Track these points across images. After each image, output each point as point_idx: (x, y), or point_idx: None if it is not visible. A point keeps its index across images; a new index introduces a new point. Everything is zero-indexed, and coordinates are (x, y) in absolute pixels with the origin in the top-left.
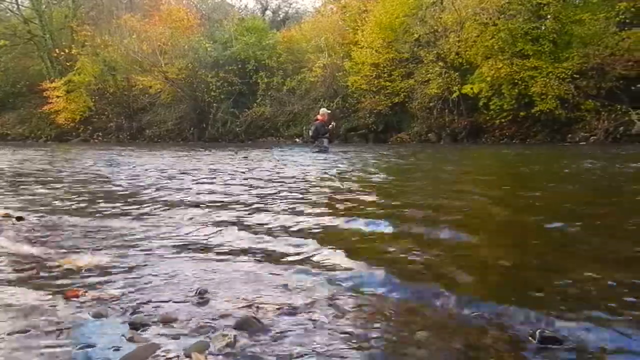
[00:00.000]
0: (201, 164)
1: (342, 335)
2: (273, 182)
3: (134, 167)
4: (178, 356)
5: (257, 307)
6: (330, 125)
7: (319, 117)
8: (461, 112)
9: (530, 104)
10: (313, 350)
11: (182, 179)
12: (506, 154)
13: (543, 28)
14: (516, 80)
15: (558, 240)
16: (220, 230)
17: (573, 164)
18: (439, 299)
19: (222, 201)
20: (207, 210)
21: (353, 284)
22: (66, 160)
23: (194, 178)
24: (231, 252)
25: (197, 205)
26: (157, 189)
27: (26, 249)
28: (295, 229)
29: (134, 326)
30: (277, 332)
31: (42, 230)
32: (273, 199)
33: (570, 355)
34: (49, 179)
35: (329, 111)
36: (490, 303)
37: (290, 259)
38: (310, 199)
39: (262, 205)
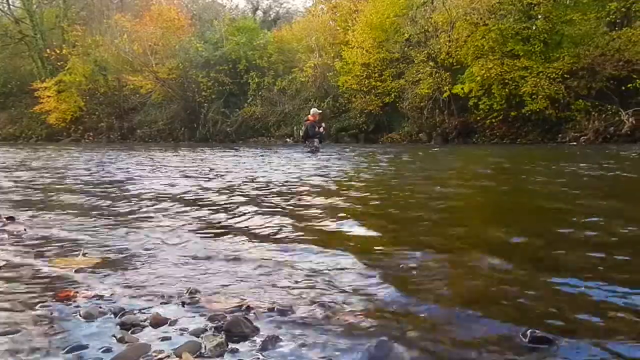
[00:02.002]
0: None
1: (333, 337)
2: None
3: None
4: (169, 356)
5: (249, 308)
6: (322, 128)
7: (310, 117)
8: (452, 112)
9: (521, 104)
10: (304, 352)
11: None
12: (487, 154)
13: (534, 28)
14: (507, 80)
15: (548, 241)
16: (215, 231)
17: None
18: (429, 300)
19: (216, 201)
20: (202, 211)
21: (344, 284)
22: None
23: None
24: (224, 253)
25: (192, 206)
26: (151, 189)
27: (17, 249)
28: (288, 232)
29: (125, 327)
30: (268, 334)
31: (33, 230)
32: (270, 201)
33: (561, 356)
34: (35, 179)
35: (320, 111)
36: (481, 303)
37: (281, 260)
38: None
39: (258, 207)
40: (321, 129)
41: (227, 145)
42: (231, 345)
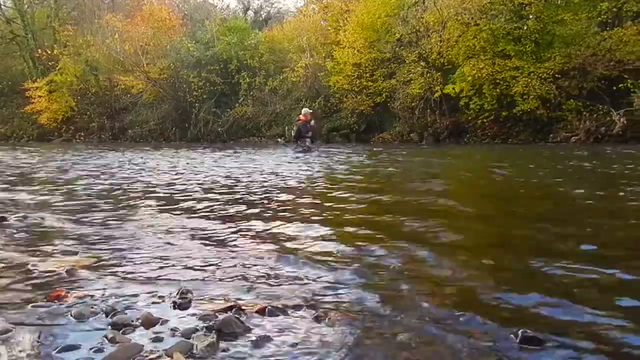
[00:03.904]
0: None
1: (325, 338)
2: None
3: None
4: (160, 356)
5: (240, 308)
6: (313, 122)
7: (301, 117)
8: (443, 112)
9: (512, 104)
10: (295, 352)
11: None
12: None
13: (525, 28)
14: (498, 80)
15: (538, 242)
16: (206, 230)
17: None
18: (420, 301)
19: (206, 201)
20: (193, 211)
21: (336, 285)
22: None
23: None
24: (215, 253)
25: (182, 206)
26: (141, 188)
27: (9, 249)
28: (279, 231)
29: (116, 327)
30: (260, 334)
31: (25, 230)
32: (261, 200)
33: (552, 356)
34: (25, 179)
35: (311, 111)
36: (472, 303)
37: (273, 260)
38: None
39: (247, 207)
40: (312, 122)
41: (218, 146)
42: (223, 345)
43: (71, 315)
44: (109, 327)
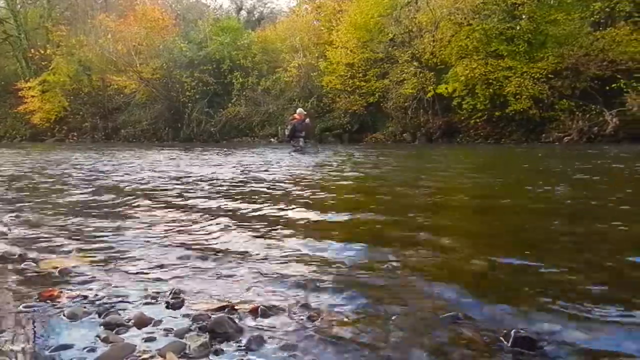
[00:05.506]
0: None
1: (317, 338)
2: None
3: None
4: (153, 356)
5: (233, 308)
6: (308, 119)
7: (295, 116)
8: (436, 112)
9: (505, 104)
10: (288, 353)
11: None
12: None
13: (518, 28)
14: (490, 80)
15: (531, 241)
16: (199, 231)
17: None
18: (412, 301)
19: (201, 202)
20: (186, 210)
21: (328, 285)
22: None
23: None
24: (208, 253)
25: (175, 205)
26: (133, 187)
27: (2, 249)
28: (272, 231)
29: (109, 327)
30: (253, 334)
31: (17, 230)
32: (253, 199)
33: (544, 356)
34: (18, 179)
35: (305, 112)
36: (465, 303)
37: (265, 259)
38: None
39: (239, 205)
40: (307, 120)
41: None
42: (215, 346)
43: (64, 315)
44: (102, 327)
